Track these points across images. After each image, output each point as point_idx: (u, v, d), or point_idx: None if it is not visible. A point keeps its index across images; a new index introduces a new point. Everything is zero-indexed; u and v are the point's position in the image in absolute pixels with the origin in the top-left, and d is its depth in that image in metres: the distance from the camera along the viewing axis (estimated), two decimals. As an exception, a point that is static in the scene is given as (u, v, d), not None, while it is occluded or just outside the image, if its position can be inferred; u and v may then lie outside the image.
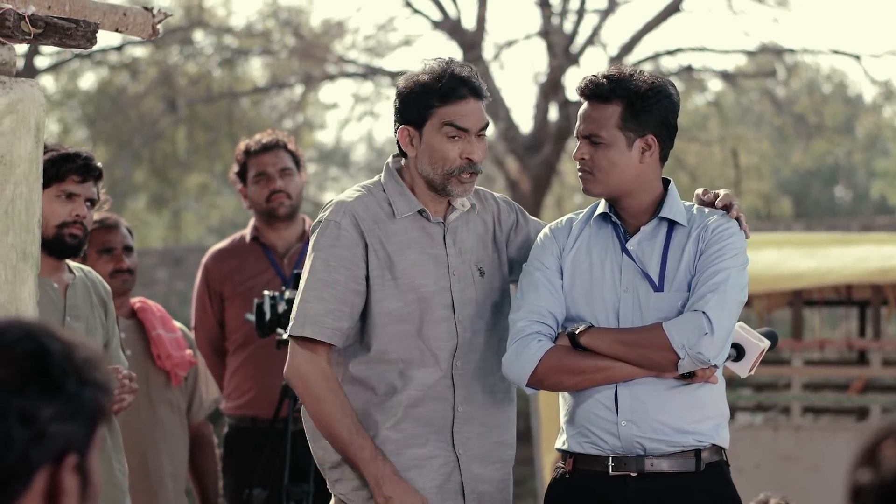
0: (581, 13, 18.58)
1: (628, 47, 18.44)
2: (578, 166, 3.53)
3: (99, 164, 4.28)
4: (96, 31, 3.34)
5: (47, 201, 3.95)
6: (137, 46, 20.66)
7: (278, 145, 5.38)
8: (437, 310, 3.59)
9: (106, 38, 21.63)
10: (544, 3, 18.12)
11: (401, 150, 3.64)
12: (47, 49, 18.23)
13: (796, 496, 4.64)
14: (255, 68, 22.27)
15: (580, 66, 18.37)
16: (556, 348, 3.46)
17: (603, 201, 3.57)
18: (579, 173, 3.54)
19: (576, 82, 3.58)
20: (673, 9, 18.32)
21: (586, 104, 3.53)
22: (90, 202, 4.24)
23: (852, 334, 10.33)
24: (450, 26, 18.64)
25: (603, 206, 3.57)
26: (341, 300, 3.53)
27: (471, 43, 18.28)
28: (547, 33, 18.18)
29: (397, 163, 3.68)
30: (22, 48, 4.26)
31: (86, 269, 4.34)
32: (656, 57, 19.06)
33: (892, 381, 9.31)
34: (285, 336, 3.61)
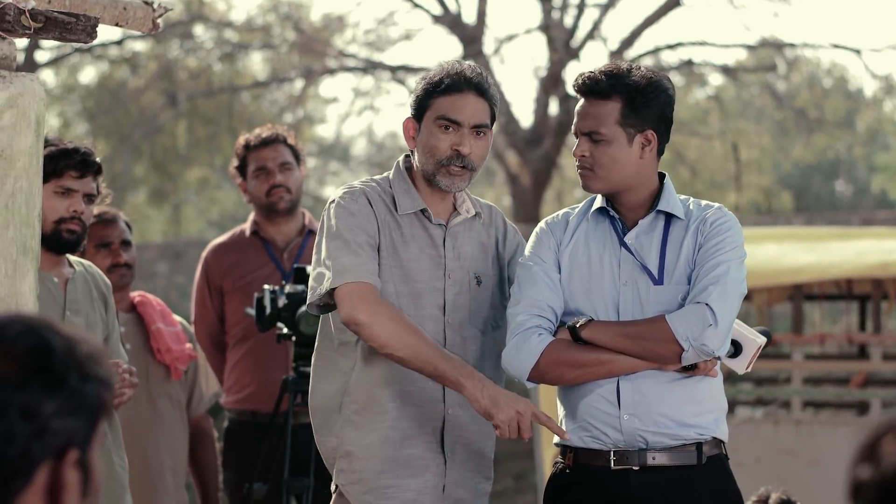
0: (581, 7, 18.59)
1: (629, 41, 18.45)
2: (578, 163, 3.52)
3: (98, 159, 4.27)
4: (96, 26, 3.34)
5: (45, 197, 3.94)
6: (138, 41, 20.67)
7: (278, 140, 5.38)
8: (427, 308, 3.59)
9: (106, 33, 21.60)
10: (545, -2, 18.12)
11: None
12: (47, 43, 18.23)
13: (797, 490, 4.64)
14: (256, 62, 22.29)
15: (580, 60, 18.38)
16: (557, 342, 3.45)
17: (600, 196, 3.57)
18: (579, 170, 3.52)
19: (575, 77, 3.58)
20: (673, 3, 18.33)
21: (584, 101, 3.51)
22: (89, 198, 4.22)
23: (853, 328, 10.33)
24: (450, 20, 18.65)
25: (600, 201, 3.56)
26: (369, 255, 3.51)
27: (471, 37, 18.29)
28: (547, 27, 18.19)
29: (408, 161, 3.70)
30: (22, 42, 4.25)
31: (86, 263, 4.33)
32: (657, 51, 19.07)
33: (893, 376, 9.31)
34: (315, 298, 3.53)
